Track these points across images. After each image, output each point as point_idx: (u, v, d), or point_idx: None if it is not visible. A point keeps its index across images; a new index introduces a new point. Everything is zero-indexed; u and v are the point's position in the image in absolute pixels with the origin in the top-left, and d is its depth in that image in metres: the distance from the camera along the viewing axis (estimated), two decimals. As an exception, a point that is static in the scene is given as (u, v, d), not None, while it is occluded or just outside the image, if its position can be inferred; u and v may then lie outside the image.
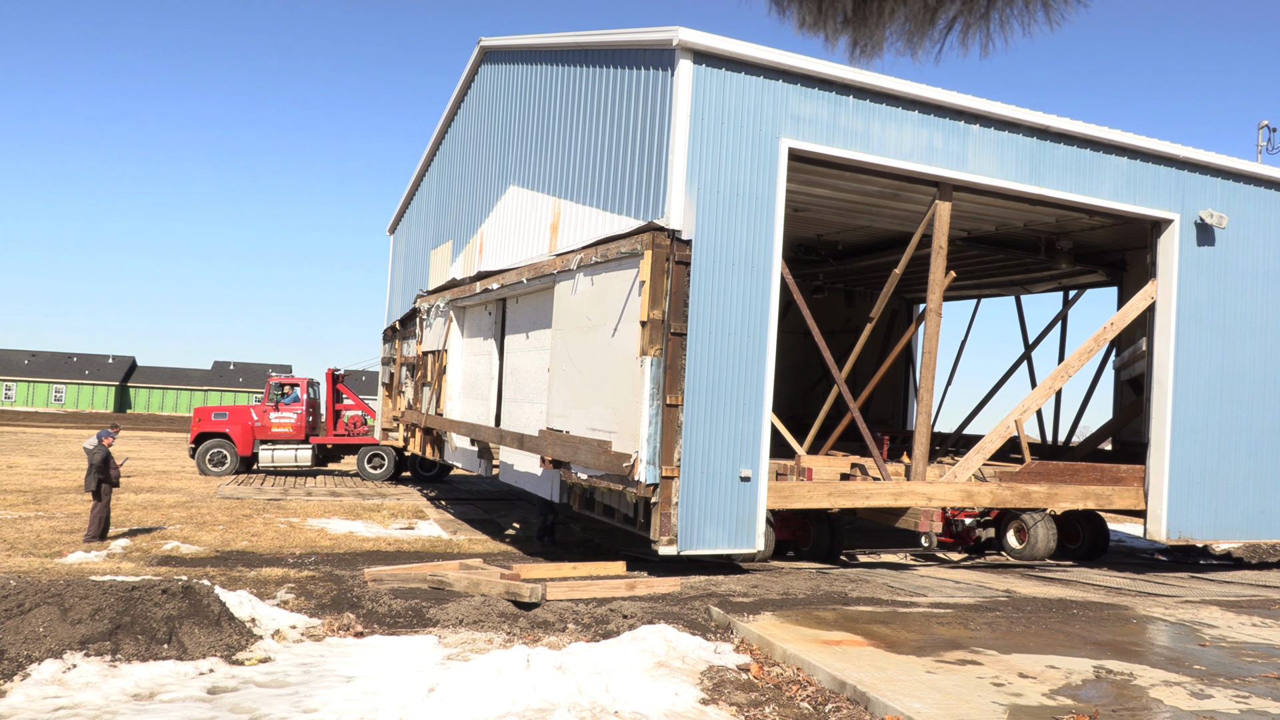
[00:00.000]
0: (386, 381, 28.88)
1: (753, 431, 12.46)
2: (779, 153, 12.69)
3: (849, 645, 8.70)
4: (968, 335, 25.29)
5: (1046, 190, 14.52)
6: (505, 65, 19.49)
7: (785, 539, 15.29)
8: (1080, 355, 15.90)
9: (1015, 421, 15.67)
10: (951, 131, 13.86)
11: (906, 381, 26.46)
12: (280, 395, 27.54)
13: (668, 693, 7.54)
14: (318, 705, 7.31)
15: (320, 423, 28.46)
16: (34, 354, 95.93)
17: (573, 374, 14.07)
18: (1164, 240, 15.66)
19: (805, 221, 19.34)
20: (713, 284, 12.26)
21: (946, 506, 14.95)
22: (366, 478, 27.51)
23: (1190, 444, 15.59)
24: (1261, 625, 10.61)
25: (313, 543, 15.71)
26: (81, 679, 7.64)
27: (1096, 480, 15.70)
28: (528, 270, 16.03)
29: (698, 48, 12.08)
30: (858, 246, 22.61)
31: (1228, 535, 16.40)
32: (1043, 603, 11.47)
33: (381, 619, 10.09)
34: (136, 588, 8.81)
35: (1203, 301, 15.72)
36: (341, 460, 29.19)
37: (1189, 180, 15.65)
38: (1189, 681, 7.85)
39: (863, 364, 22.88)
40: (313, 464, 27.49)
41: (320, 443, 27.62)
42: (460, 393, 20.79)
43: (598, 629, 9.78)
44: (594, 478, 12.95)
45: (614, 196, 13.63)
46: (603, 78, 14.36)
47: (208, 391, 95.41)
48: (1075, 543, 18.14)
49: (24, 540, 14.59)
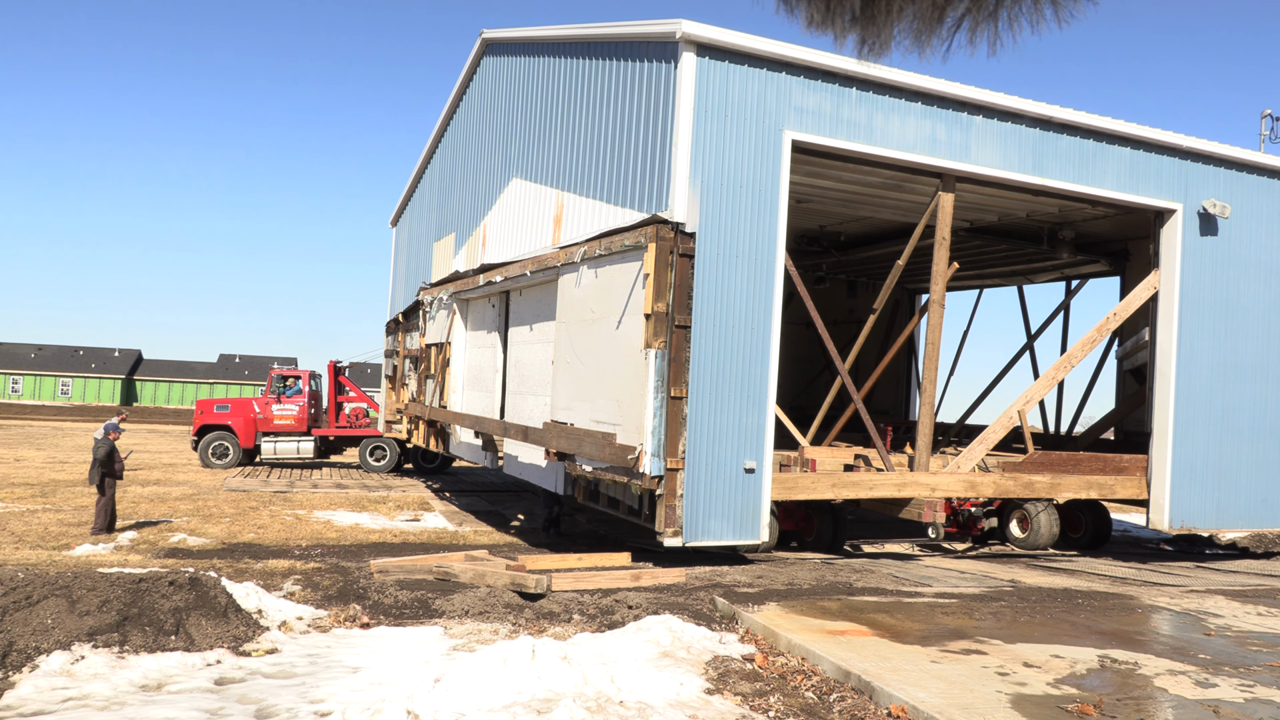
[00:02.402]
0: (389, 374, 28.75)
1: (757, 423, 12.42)
2: (782, 145, 12.61)
3: (854, 635, 8.68)
4: (970, 325, 25.26)
5: (1049, 181, 14.44)
6: (507, 58, 19.39)
7: (789, 530, 15.28)
8: (1083, 345, 15.83)
9: (1019, 412, 15.62)
10: (954, 123, 13.78)
11: (908, 372, 26.40)
12: (282, 387, 27.40)
13: (673, 683, 7.51)
14: (324, 696, 7.31)
15: (322, 415, 28.31)
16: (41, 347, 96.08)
17: (577, 366, 14.04)
18: (1167, 230, 15.57)
19: (808, 213, 19.27)
20: (716, 276, 12.21)
21: (950, 497, 14.92)
22: (369, 470, 27.48)
23: (1193, 433, 15.53)
24: (1267, 615, 10.58)
25: (319, 535, 15.71)
26: (89, 670, 7.64)
27: (1099, 470, 15.65)
28: (531, 263, 15.98)
29: (701, 40, 12.00)
30: (860, 237, 22.53)
31: (1230, 524, 16.37)
32: (1048, 592, 11.44)
33: (387, 610, 10.08)
34: (144, 580, 8.81)
35: (1205, 291, 15.63)
36: (343, 452, 29.05)
37: (1192, 170, 15.55)
38: (1194, 671, 7.83)
39: (864, 355, 22.85)
40: (315, 456, 27.42)
41: (322, 435, 27.53)
42: (464, 385, 20.77)
43: (603, 620, 9.77)
44: (599, 470, 12.92)
45: (617, 189, 13.57)
46: (605, 70, 14.28)
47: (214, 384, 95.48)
48: (1078, 531, 18.14)
49: (32, 533, 14.61)
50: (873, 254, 22.44)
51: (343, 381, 28.46)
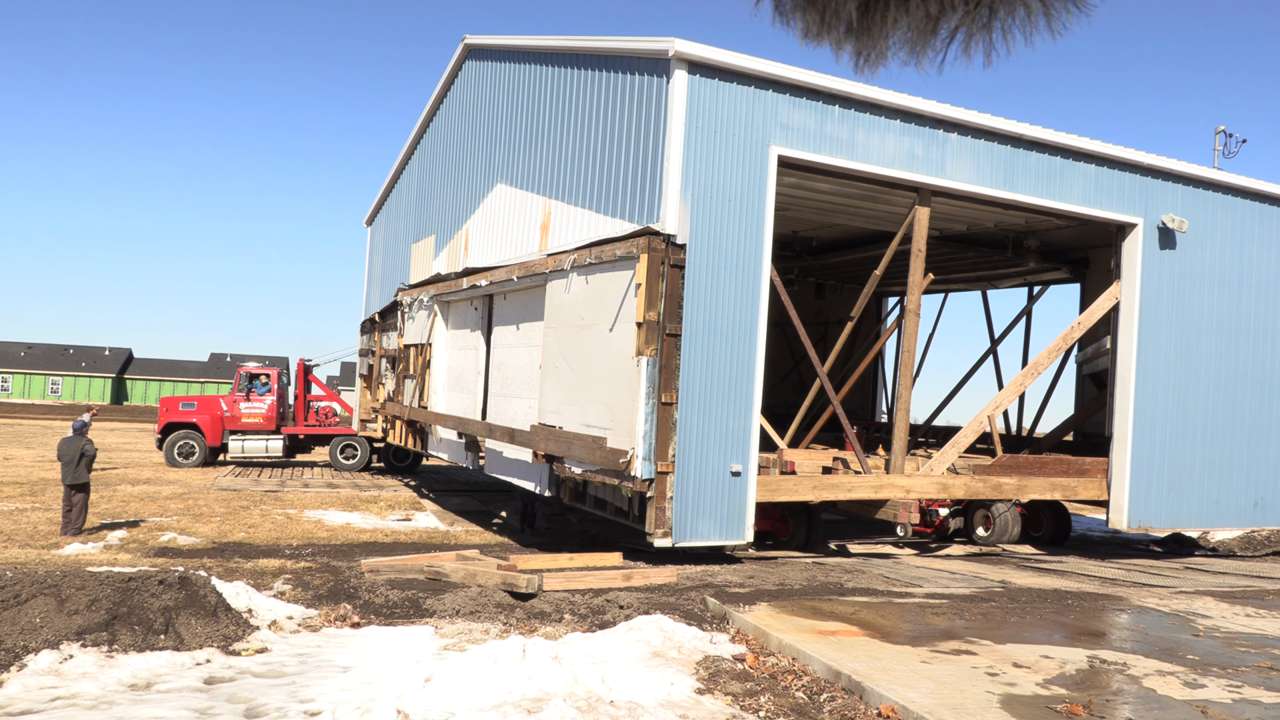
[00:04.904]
0: (364, 373, 27.97)
1: (743, 428, 12.25)
2: (769, 160, 12.46)
3: (844, 635, 8.46)
4: (935, 328, 25.20)
5: (1020, 196, 14.40)
6: (491, 63, 18.94)
7: (764, 530, 15.03)
8: (1049, 354, 15.81)
9: (988, 417, 15.55)
10: (931, 139, 13.69)
11: (876, 374, 26.36)
12: (250, 385, 26.38)
13: (663, 682, 7.27)
14: (314, 695, 7.02)
15: (290, 413, 27.37)
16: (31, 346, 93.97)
17: (566, 371, 13.74)
18: (1128, 243, 15.58)
19: (784, 219, 19.13)
20: (706, 286, 12.04)
21: (923, 498, 14.81)
22: (339, 468, 26.58)
23: (1150, 438, 15.57)
24: (1255, 616, 10.44)
25: (310, 534, 15.27)
26: (78, 669, 7.32)
27: (1063, 472, 15.63)
28: (519, 268, 15.66)
29: (692, 58, 11.81)
30: (831, 243, 22.49)
31: (1184, 524, 16.46)
32: (1038, 593, 11.28)
33: (378, 610, 9.74)
34: (133, 579, 8.44)
35: (1164, 302, 15.69)
36: (312, 451, 27.93)
37: (1152, 186, 15.59)
38: (1183, 671, 7.68)
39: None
40: (283, 455, 26.37)
41: (291, 433, 26.54)
42: (445, 386, 20.31)
43: (594, 619, 9.48)
44: (588, 472, 12.65)
45: (607, 199, 13.31)
46: (595, 81, 14.01)
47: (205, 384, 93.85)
48: (1039, 530, 18.16)
49: (21, 532, 14.05)
50: (843, 259, 22.45)
51: (312, 380, 27.64)
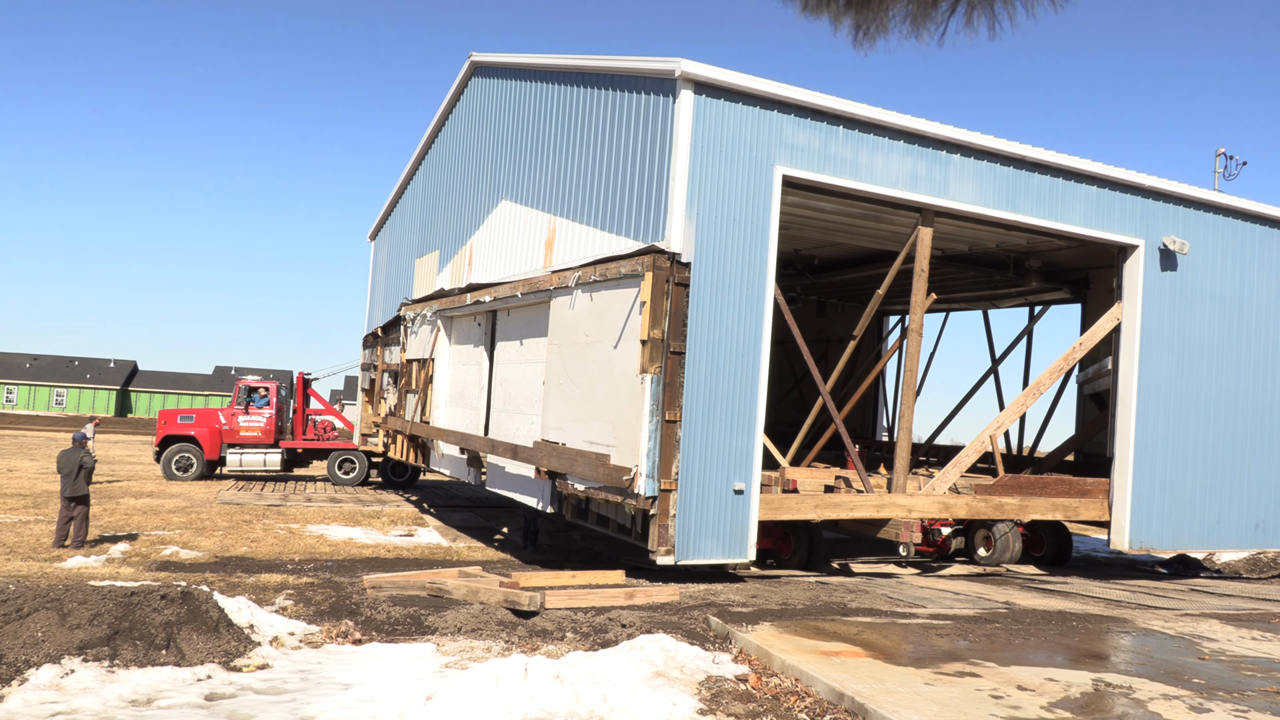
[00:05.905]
0: (366, 387, 27.78)
1: (746, 446, 12.17)
2: (773, 180, 12.46)
3: (847, 656, 8.35)
4: (936, 347, 25.12)
5: (1022, 216, 14.39)
6: (498, 80, 18.97)
7: (765, 548, 14.92)
8: (1051, 374, 15.76)
9: (990, 437, 15.48)
10: (934, 160, 13.69)
11: (877, 393, 26.28)
12: (249, 398, 26.19)
13: (665, 703, 7.17)
14: (315, 713, 6.93)
15: (288, 427, 27.16)
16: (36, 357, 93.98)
17: (569, 388, 13.69)
18: (1129, 265, 15.56)
19: (786, 237, 19.12)
20: (710, 305, 12.00)
21: (925, 518, 14.71)
22: (337, 483, 26.40)
23: (1152, 459, 15.48)
24: (1261, 639, 10.28)
25: (312, 549, 15.17)
26: (79, 684, 7.24)
27: (1065, 493, 15.53)
28: (522, 285, 15.63)
29: (699, 78, 11.84)
30: (833, 261, 22.47)
31: (1185, 545, 16.33)
32: (1042, 615, 11.14)
33: (380, 626, 9.63)
34: (135, 593, 8.37)
35: (1165, 323, 15.64)
36: (310, 465, 27.69)
37: (1153, 208, 15.58)
38: (1188, 695, 7.55)
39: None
40: (282, 469, 26.14)
41: (290, 447, 26.29)
42: (447, 401, 20.23)
43: (596, 638, 9.37)
44: (591, 489, 12.57)
45: (612, 217, 13.31)
46: (601, 100, 14.03)
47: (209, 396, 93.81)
48: (1040, 550, 18.02)
49: (23, 544, 13.96)
50: (845, 278, 22.42)
51: (311, 394, 27.46)
